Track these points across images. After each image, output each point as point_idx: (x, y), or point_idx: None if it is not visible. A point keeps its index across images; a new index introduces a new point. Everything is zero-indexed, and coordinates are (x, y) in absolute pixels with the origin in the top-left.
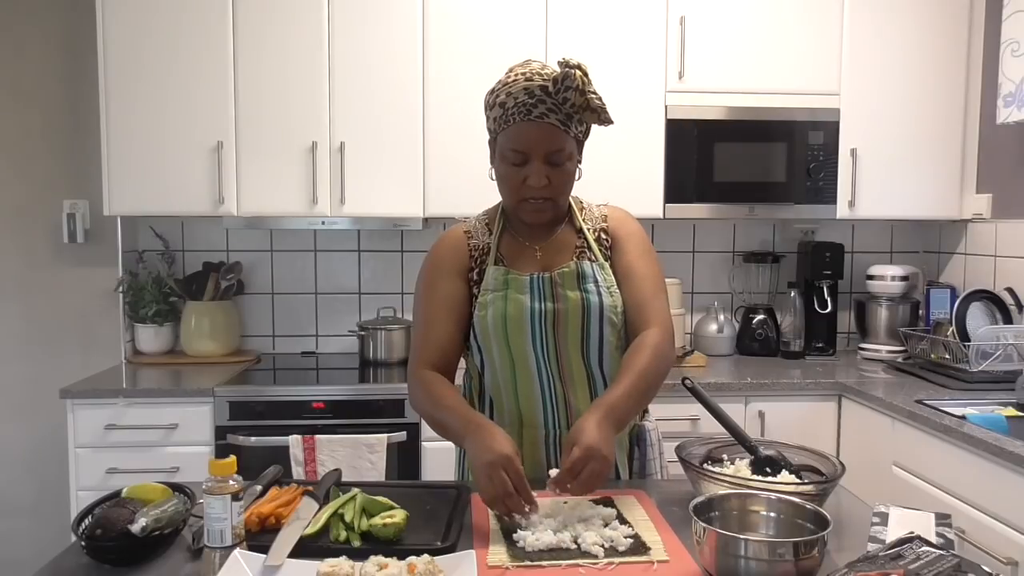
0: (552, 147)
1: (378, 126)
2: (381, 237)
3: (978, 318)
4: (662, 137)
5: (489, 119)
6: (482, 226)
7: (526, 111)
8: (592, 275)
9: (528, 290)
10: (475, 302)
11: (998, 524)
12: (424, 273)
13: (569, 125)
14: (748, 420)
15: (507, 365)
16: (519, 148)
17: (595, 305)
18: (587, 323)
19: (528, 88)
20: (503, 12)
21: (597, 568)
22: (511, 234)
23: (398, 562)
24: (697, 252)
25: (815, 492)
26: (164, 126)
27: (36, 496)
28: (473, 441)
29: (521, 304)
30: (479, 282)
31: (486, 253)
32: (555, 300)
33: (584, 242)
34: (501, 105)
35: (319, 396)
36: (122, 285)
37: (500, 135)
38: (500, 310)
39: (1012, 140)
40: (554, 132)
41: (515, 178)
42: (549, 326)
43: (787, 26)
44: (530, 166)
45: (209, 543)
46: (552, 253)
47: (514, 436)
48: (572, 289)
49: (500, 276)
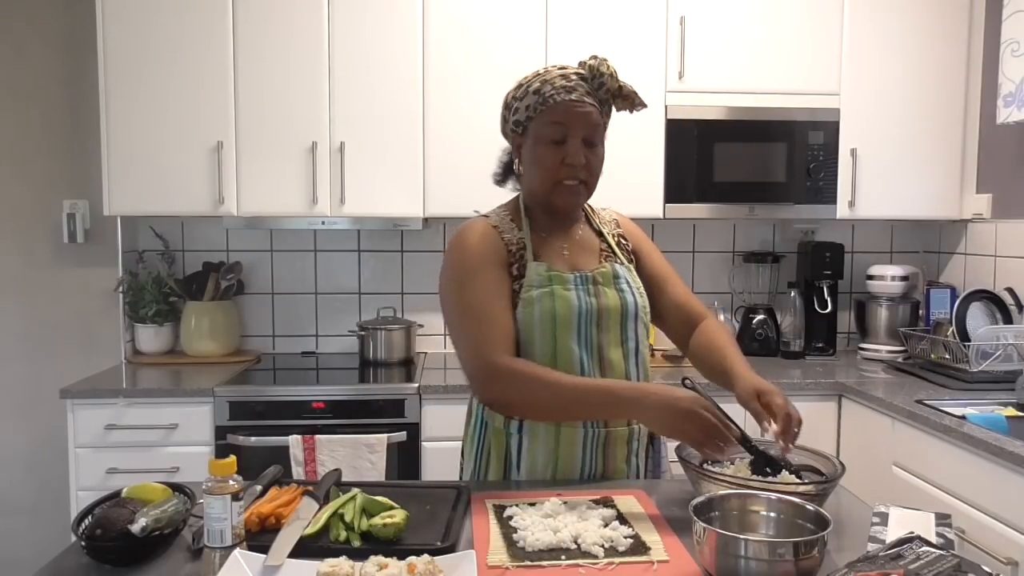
0: (590, 125)
1: (378, 126)
2: (381, 237)
3: (978, 318)
4: (662, 137)
5: (517, 111)
6: (507, 221)
7: (567, 92)
8: (624, 277)
9: (572, 287)
10: (517, 298)
11: (998, 524)
12: (460, 265)
13: (602, 111)
14: (748, 420)
15: (548, 362)
16: (561, 121)
17: (631, 305)
18: (625, 322)
19: (564, 75)
20: (503, 12)
21: (597, 568)
22: (535, 231)
23: (398, 562)
24: (697, 252)
25: (815, 492)
26: (164, 126)
27: (36, 496)
28: (651, 400)
29: (569, 301)
30: (519, 277)
31: (520, 247)
32: (598, 298)
33: (607, 245)
34: (536, 92)
35: (319, 396)
36: (122, 285)
37: (536, 119)
38: (548, 307)
39: (1012, 140)
40: (592, 113)
41: (553, 158)
42: (593, 324)
43: (787, 26)
44: (569, 144)
45: (209, 543)
46: (578, 253)
47: (551, 433)
48: (610, 288)
49: (543, 272)
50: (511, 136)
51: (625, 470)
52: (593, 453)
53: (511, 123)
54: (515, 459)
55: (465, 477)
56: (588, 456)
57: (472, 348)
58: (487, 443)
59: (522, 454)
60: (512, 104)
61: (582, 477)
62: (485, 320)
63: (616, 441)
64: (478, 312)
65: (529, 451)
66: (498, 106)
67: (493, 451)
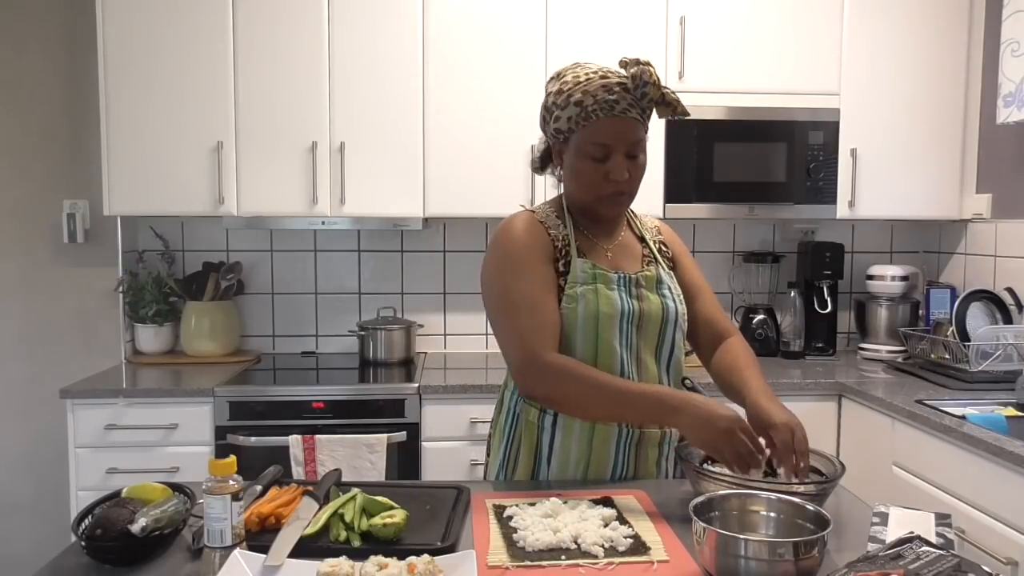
0: (634, 139)
1: (378, 126)
2: (381, 237)
3: (978, 318)
4: (662, 137)
5: (559, 119)
6: (552, 217)
7: (609, 108)
8: (667, 283)
9: (616, 288)
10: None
11: (998, 524)
12: (509, 254)
13: (645, 118)
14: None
15: (589, 360)
16: (604, 141)
17: (672, 311)
18: (665, 326)
19: (607, 86)
20: (503, 12)
21: (597, 568)
22: (579, 230)
23: (398, 562)
24: (697, 252)
25: (815, 492)
26: (164, 126)
27: (36, 496)
28: (693, 413)
29: (613, 301)
30: (564, 273)
31: (566, 244)
32: (639, 300)
33: (650, 251)
34: (578, 104)
35: (319, 396)
36: (122, 285)
37: (579, 132)
38: (592, 304)
39: (1012, 140)
40: (635, 126)
41: (595, 173)
42: (634, 326)
43: (787, 26)
44: (612, 160)
45: (209, 543)
46: (621, 255)
47: (586, 430)
48: (652, 292)
49: (588, 270)
50: (552, 140)
51: (655, 472)
52: (626, 453)
53: (552, 128)
54: (546, 454)
55: (491, 472)
56: (621, 455)
57: (518, 340)
58: (518, 437)
59: (554, 450)
60: (552, 110)
61: (613, 477)
62: (533, 312)
63: (649, 442)
64: (526, 303)
65: (562, 447)
66: (498, 106)
67: (524, 445)
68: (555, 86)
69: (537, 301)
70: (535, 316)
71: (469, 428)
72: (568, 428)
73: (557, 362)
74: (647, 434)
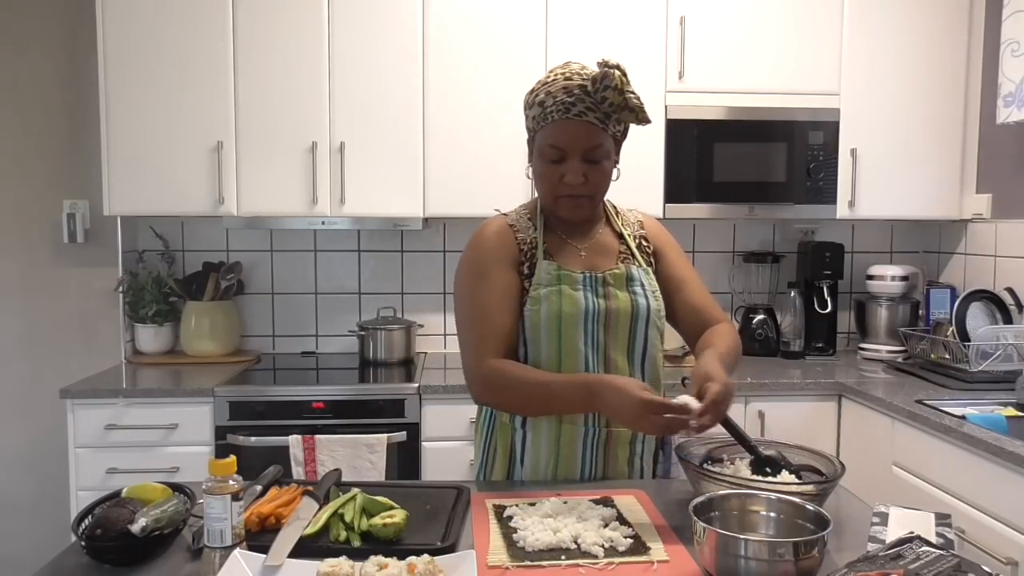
0: (589, 144)
1: (378, 126)
2: (381, 237)
3: (978, 318)
4: (662, 137)
5: (528, 118)
6: (524, 220)
7: (564, 109)
8: (639, 279)
9: (581, 288)
10: (526, 296)
11: (998, 524)
12: (472, 262)
13: (607, 124)
14: (748, 420)
15: (554, 361)
16: (557, 145)
17: (643, 308)
18: (635, 324)
19: (567, 87)
20: (503, 12)
21: (597, 568)
22: (553, 231)
23: (398, 562)
24: (697, 252)
25: (815, 492)
26: (164, 126)
27: (36, 496)
28: (607, 399)
29: (576, 301)
30: (529, 276)
31: (533, 247)
32: (607, 299)
33: (627, 247)
34: (540, 104)
35: (319, 396)
36: (122, 285)
37: (539, 133)
38: (555, 306)
39: (1012, 140)
40: (592, 130)
41: (552, 175)
42: (600, 325)
43: (787, 26)
44: (567, 163)
45: (209, 543)
46: (595, 254)
47: (552, 433)
48: (621, 290)
49: (553, 271)
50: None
51: (627, 472)
52: (594, 453)
53: (527, 127)
54: (519, 454)
55: (474, 472)
56: (589, 455)
57: (468, 349)
58: (494, 438)
59: (526, 450)
60: (525, 110)
61: (582, 477)
62: (483, 321)
63: (618, 442)
64: (479, 313)
65: (533, 447)
66: (498, 106)
67: (499, 446)
68: (534, 84)
69: (490, 310)
70: (484, 326)
71: (469, 428)
72: (536, 429)
73: (494, 367)
74: (615, 433)
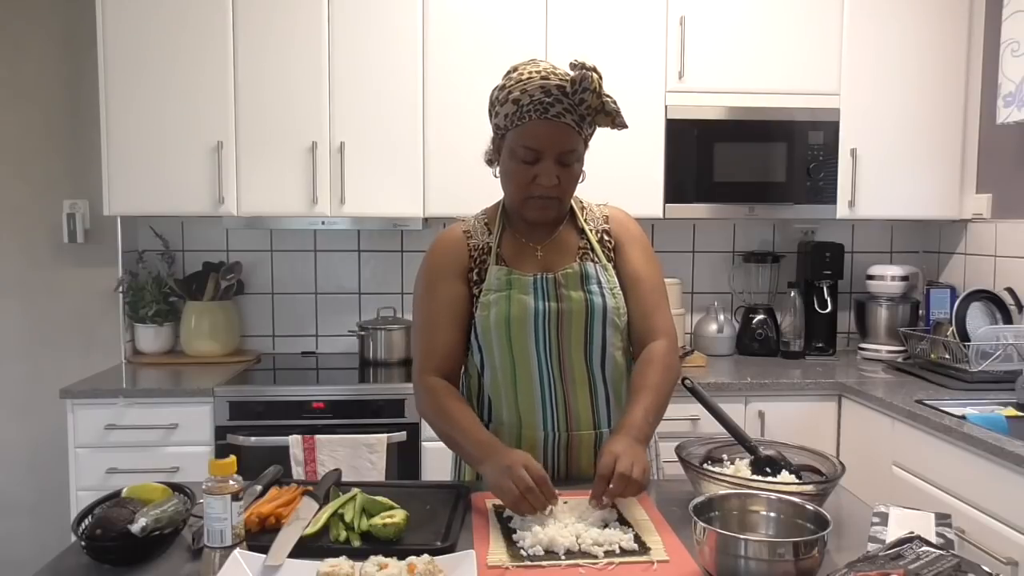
0: (565, 147)
1: (378, 126)
2: (381, 237)
3: (978, 318)
4: (662, 137)
5: (498, 115)
6: (481, 225)
7: (543, 109)
8: (595, 276)
9: (531, 290)
10: (476, 302)
11: (998, 524)
12: (423, 275)
13: (582, 126)
14: (748, 420)
15: (508, 366)
16: (533, 146)
17: (599, 307)
18: (590, 325)
19: (545, 87)
20: (503, 12)
21: (597, 568)
22: (512, 234)
23: (398, 562)
24: (697, 252)
25: (815, 492)
26: (164, 126)
27: (36, 496)
28: (490, 464)
29: (525, 304)
30: (479, 282)
31: (486, 253)
32: (559, 300)
33: (587, 243)
34: (515, 102)
35: (319, 396)
36: (122, 285)
37: (511, 132)
38: (503, 310)
39: (1012, 140)
40: (568, 132)
41: (524, 176)
42: (552, 327)
43: (787, 26)
44: (541, 164)
45: (209, 543)
46: (553, 253)
47: (513, 439)
48: (575, 290)
49: (503, 276)
50: (493, 134)
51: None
52: (555, 456)
53: (492, 123)
54: None
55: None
56: (551, 458)
57: (415, 360)
58: None
59: None
60: (494, 105)
61: None
62: (427, 335)
63: (580, 445)
64: (422, 327)
65: None
66: None
67: None
68: (502, 80)
69: (434, 324)
70: (428, 339)
71: None
72: (498, 431)
73: (429, 386)
74: (576, 436)
